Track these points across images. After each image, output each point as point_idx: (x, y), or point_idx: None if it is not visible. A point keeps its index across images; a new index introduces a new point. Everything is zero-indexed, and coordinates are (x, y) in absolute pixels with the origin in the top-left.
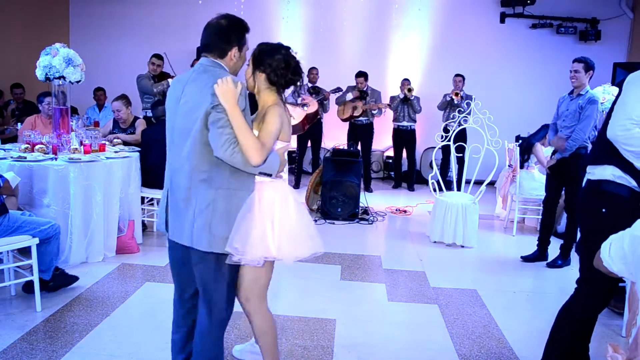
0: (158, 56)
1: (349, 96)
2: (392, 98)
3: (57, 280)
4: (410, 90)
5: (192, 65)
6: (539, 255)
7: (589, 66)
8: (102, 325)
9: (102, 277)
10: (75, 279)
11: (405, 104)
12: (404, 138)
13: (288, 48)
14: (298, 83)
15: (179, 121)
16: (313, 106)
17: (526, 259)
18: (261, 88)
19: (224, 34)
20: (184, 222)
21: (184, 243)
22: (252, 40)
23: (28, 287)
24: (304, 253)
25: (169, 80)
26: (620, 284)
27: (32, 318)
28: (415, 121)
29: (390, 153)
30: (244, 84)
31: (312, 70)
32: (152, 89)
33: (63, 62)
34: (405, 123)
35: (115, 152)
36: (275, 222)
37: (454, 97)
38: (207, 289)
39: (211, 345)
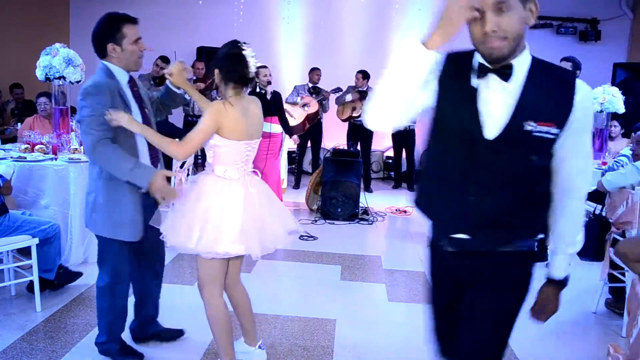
0: (164, 58)
1: (349, 97)
2: None
3: (61, 278)
4: None
5: (192, 66)
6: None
7: (576, 66)
8: None
9: None
10: (79, 275)
11: None
12: (404, 138)
13: (237, 42)
14: (246, 75)
15: None
16: (314, 106)
17: None
18: (219, 83)
19: (96, 36)
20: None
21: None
22: (253, 41)
23: (32, 287)
24: (226, 250)
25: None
26: (620, 284)
27: (32, 318)
28: (415, 121)
29: (390, 153)
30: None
31: (315, 71)
32: (147, 91)
33: (63, 62)
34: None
35: None
36: (211, 216)
37: None
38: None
39: (101, 307)
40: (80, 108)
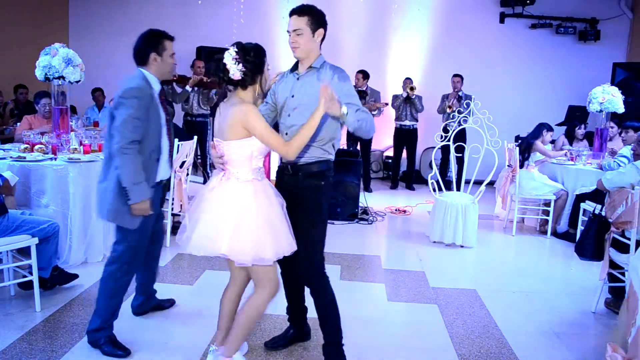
0: None
1: None
2: (395, 97)
3: (54, 280)
4: (412, 89)
5: (192, 66)
6: (295, 334)
7: (318, 21)
8: None
9: None
10: (74, 276)
11: (408, 103)
12: (405, 137)
13: (236, 43)
14: (223, 78)
15: None
16: None
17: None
18: None
19: (141, 45)
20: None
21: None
22: (252, 41)
23: (25, 284)
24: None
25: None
26: (619, 284)
27: (31, 318)
28: (417, 120)
29: (390, 153)
30: None
31: None
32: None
33: (62, 62)
34: (407, 122)
35: None
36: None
37: (451, 101)
38: None
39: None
40: (119, 105)
